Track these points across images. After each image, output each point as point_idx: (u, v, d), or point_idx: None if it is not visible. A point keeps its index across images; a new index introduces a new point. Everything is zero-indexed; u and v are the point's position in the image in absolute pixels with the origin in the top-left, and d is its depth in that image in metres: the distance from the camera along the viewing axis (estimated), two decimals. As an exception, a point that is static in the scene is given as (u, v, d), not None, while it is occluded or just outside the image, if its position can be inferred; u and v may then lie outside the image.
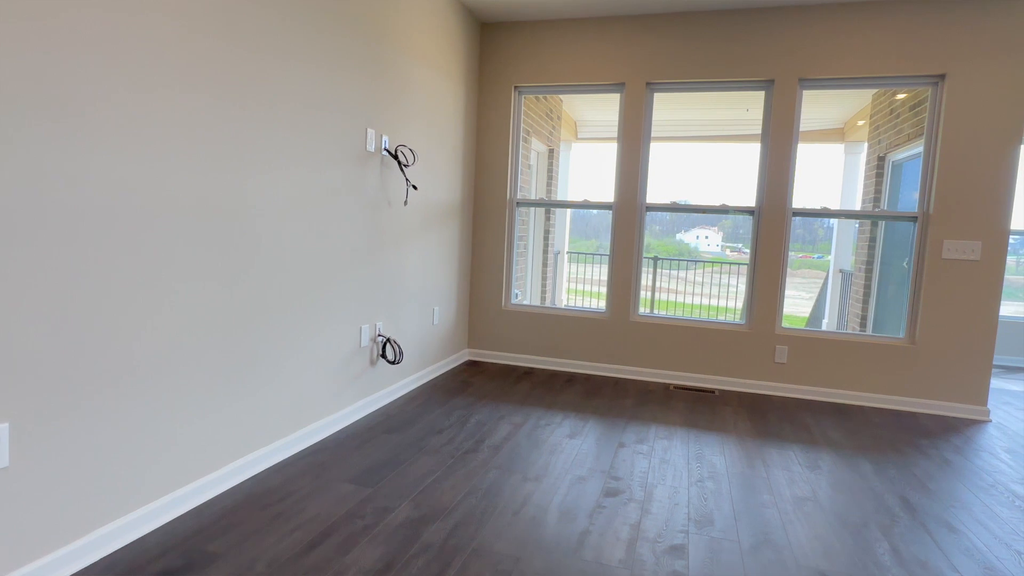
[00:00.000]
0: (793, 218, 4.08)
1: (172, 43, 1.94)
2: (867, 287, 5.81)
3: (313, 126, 2.65)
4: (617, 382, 4.24)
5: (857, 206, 6.57)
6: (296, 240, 2.59)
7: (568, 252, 8.49)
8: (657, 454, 2.89)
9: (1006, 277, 3.98)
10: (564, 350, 4.53)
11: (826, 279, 7.89)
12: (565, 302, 8.53)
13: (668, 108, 6.09)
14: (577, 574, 1.85)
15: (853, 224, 7.19)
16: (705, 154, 8.61)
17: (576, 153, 8.21)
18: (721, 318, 8.07)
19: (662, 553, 2.00)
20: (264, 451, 2.51)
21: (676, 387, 4.18)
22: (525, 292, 6.31)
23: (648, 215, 4.38)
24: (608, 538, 2.08)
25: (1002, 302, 4.44)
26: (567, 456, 2.81)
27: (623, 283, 4.38)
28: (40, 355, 1.62)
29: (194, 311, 2.10)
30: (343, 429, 3.02)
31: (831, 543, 2.11)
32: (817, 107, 6.46)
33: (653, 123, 4.31)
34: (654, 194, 4.36)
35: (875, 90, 5.78)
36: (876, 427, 3.48)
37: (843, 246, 7.45)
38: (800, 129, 4.02)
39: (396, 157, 3.29)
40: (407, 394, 3.68)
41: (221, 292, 2.21)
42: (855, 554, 2.04)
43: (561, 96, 6.62)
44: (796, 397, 4.04)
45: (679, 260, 8.90)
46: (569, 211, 8.30)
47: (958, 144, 3.71)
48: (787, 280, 7.25)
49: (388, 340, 3.39)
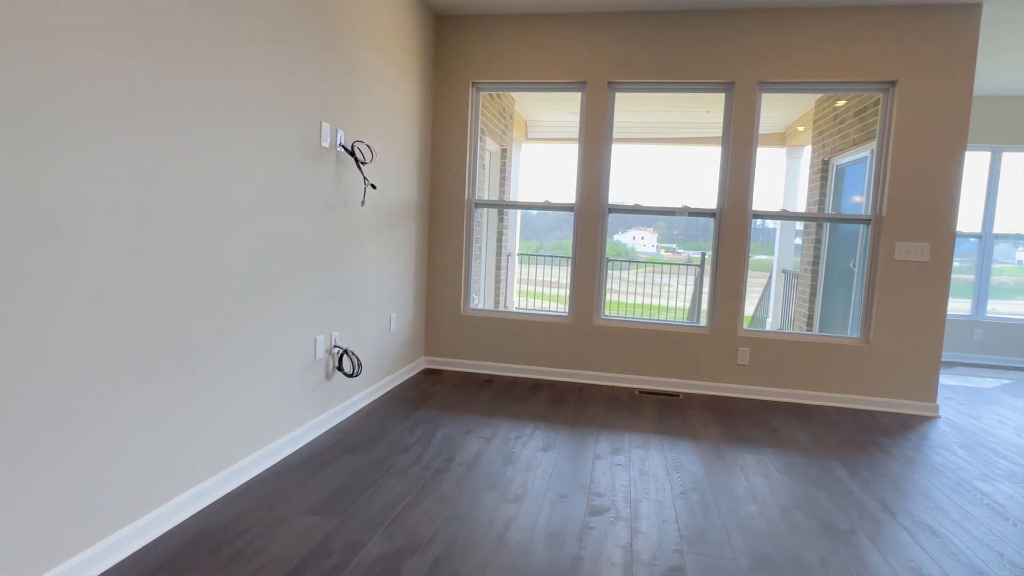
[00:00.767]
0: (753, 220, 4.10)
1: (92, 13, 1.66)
2: (813, 287, 5.97)
3: (262, 117, 2.39)
4: (582, 388, 4.14)
5: (801, 208, 6.76)
6: (245, 244, 2.33)
7: (519, 254, 8.39)
8: (635, 465, 2.79)
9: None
10: (526, 356, 4.39)
11: (769, 279, 8.12)
12: (516, 304, 8.41)
13: (629, 110, 6.06)
14: (575, 607, 1.71)
15: (793, 226, 7.43)
16: (666, 156, 8.70)
17: (526, 153, 8.10)
18: (664, 318, 8.20)
19: (659, 577, 1.89)
20: (213, 480, 2.23)
21: (642, 392, 4.12)
22: (479, 295, 6.14)
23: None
24: (602, 563, 1.94)
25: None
26: (544, 472, 2.66)
27: (586, 286, 4.28)
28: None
29: (120, 328, 1.82)
30: (299, 450, 2.76)
31: (827, 555, 2.06)
32: (762, 112, 6.61)
33: (619, 125, 4.23)
34: (616, 195, 4.29)
35: (819, 96, 5.96)
36: (839, 427, 3.53)
37: (785, 247, 7.68)
38: (759, 132, 4.05)
39: (353, 154, 3.05)
40: (365, 408, 3.43)
41: (156, 304, 1.93)
42: (851, 565, 2.00)
43: (513, 95, 6.49)
44: (759, 399, 4.06)
45: (625, 261, 8.96)
46: (519, 212, 8.18)
47: (908, 149, 3.82)
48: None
49: (345, 351, 3.15)
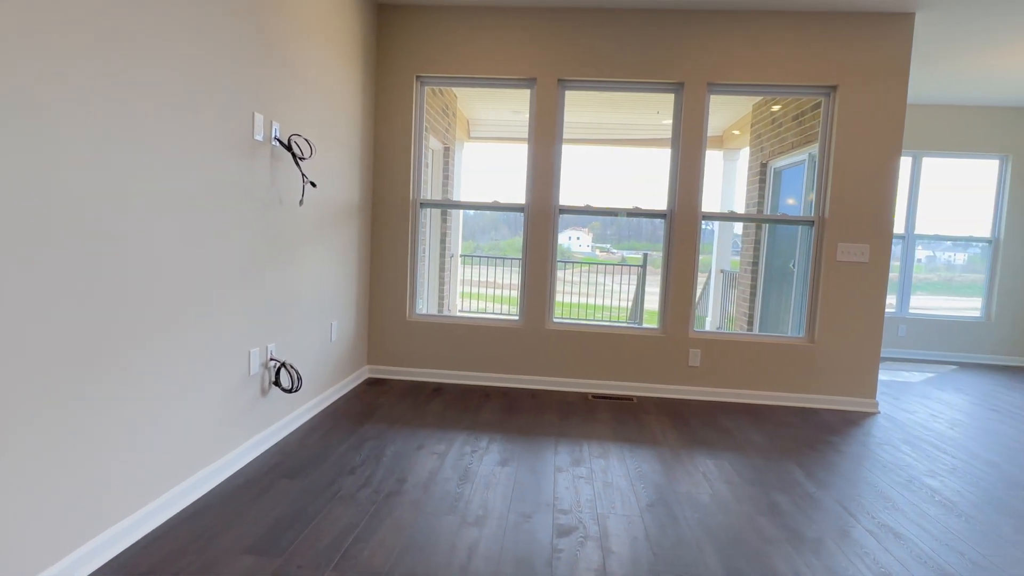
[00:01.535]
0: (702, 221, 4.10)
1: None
2: (753, 287, 6.11)
3: (186, 104, 2.11)
4: (535, 394, 4.01)
5: (740, 210, 6.91)
6: (166, 248, 2.05)
7: (462, 255, 8.20)
8: (598, 477, 2.68)
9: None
10: (476, 362, 4.22)
11: (708, 279, 8.29)
12: (460, 307, 8.23)
13: (577, 110, 6.00)
14: (553, 646, 1.56)
15: (731, 227, 7.61)
16: (613, 158, 8.71)
17: (468, 153, 7.92)
18: (601, 317, 8.25)
19: (637, 602, 1.77)
20: (132, 520, 1.94)
21: (595, 396, 4.03)
22: (424, 300, 5.91)
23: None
24: (576, 591, 1.81)
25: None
26: (504, 489, 2.50)
27: (537, 289, 4.16)
28: None
29: (10, 345, 1.53)
30: (233, 476, 2.48)
31: (799, 567, 2.01)
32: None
33: (568, 125, 4.13)
34: (564, 196, 4.19)
35: (756, 100, 6.10)
36: (789, 427, 3.56)
37: (723, 247, 7.85)
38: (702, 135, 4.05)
39: (290, 148, 2.79)
40: (306, 424, 3.17)
41: (58, 319, 1.64)
42: (823, 576, 1.95)
43: (456, 92, 6.30)
44: (711, 400, 4.06)
45: (561, 261, 8.95)
46: (462, 213, 8.00)
47: (848, 153, 3.92)
48: (650, 278, 7.42)
49: (283, 365, 2.88)
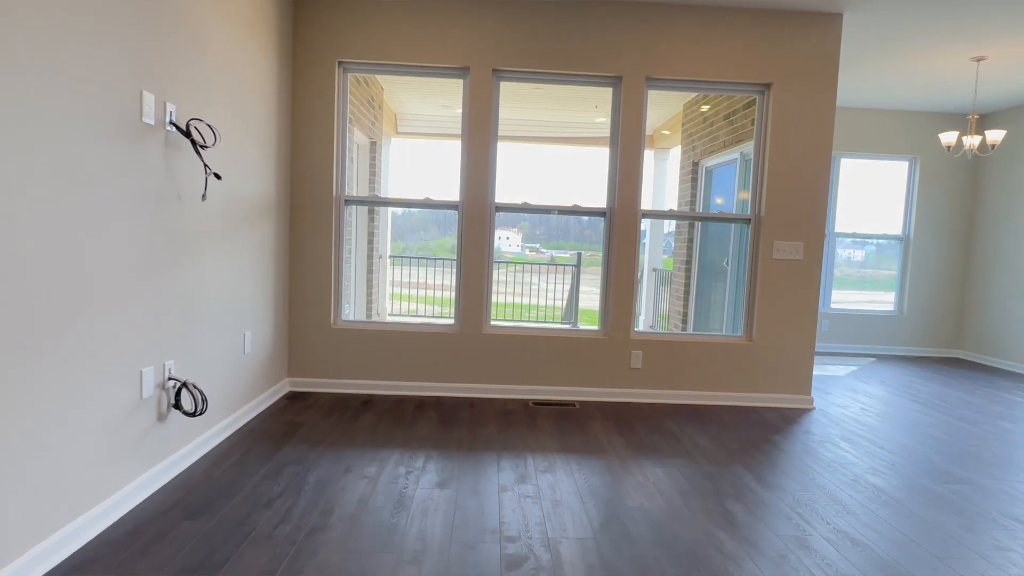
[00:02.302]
0: (642, 219, 4.01)
1: None
2: (687, 285, 6.13)
3: (45, 76, 1.73)
4: (473, 403, 3.78)
5: (673, 207, 6.94)
6: (32, 251, 1.66)
7: (391, 256, 7.83)
8: (546, 495, 2.48)
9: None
10: (409, 371, 3.93)
11: (641, 278, 8.33)
12: (390, 309, 7.86)
13: (514, 107, 5.79)
14: None
15: (662, 225, 7.67)
16: (552, 156, 8.57)
17: (396, 149, 7.56)
18: (533, 317, 8.14)
19: (600, 645, 1.57)
20: (-24, 593, 1.55)
21: (536, 403, 3.85)
22: (351, 304, 5.54)
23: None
24: (532, 638, 1.59)
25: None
26: (444, 516, 2.25)
27: (474, 292, 3.92)
28: None
29: None
30: (124, 519, 2.10)
31: (762, 584, 1.88)
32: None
33: (501, 121, 3.92)
34: (502, 194, 3.98)
35: (687, 100, 6.13)
36: (733, 428, 3.50)
37: (655, 246, 7.90)
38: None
39: (189, 135, 2.41)
40: (215, 451, 2.79)
41: None
42: (790, 594, 1.84)
43: (382, 84, 5.96)
44: (653, 402, 3.96)
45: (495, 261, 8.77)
46: (390, 212, 7.64)
47: (783, 151, 3.92)
48: (584, 277, 7.35)
49: (184, 384, 2.50)
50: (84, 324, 1.91)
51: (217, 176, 2.57)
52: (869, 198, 6.59)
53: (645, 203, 3.98)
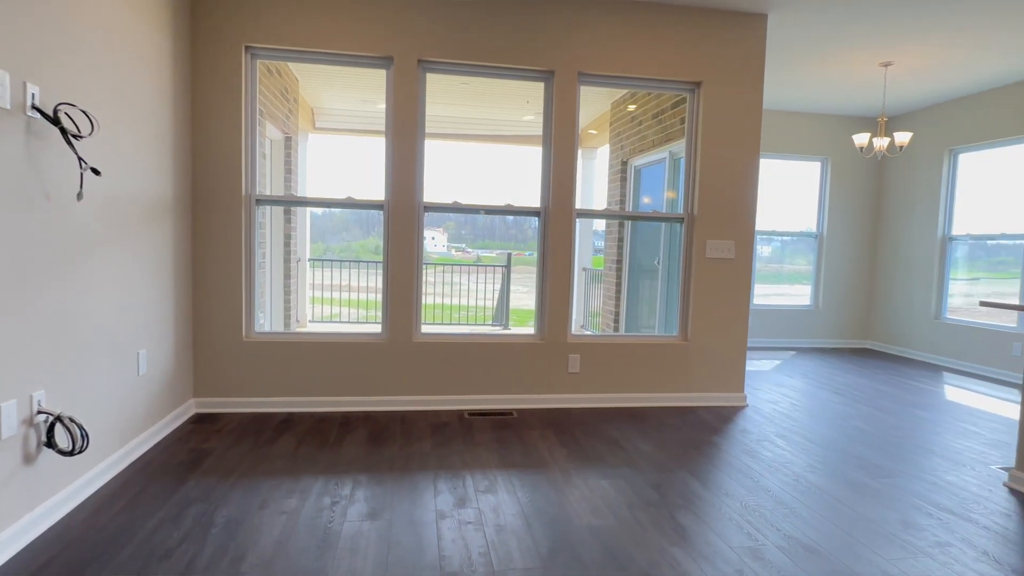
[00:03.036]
0: (577, 219, 3.89)
1: None
2: (618, 285, 6.12)
3: None
4: (404, 417, 3.52)
5: (603, 207, 6.92)
6: None
7: (311, 259, 7.38)
8: (488, 519, 2.28)
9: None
10: (333, 385, 3.62)
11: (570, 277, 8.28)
12: (311, 315, 7.40)
13: (442, 104, 5.53)
14: None
15: (591, 225, 7.66)
16: (481, 154, 8.33)
17: (314, 145, 7.12)
18: (463, 319, 7.95)
19: None
20: None
21: (472, 413, 3.64)
22: (265, 313, 5.11)
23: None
24: None
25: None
26: (377, 553, 2.01)
27: (402, 297, 3.67)
28: None
29: None
30: (-28, 593, 1.72)
31: (723, 606, 1.78)
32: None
33: (427, 118, 3.68)
34: (430, 194, 3.74)
35: (614, 99, 6.11)
36: (673, 430, 3.45)
37: (584, 245, 7.88)
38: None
39: (58, 122, 2.03)
40: (102, 491, 2.40)
41: None
42: (752, 615, 1.74)
43: (297, 76, 5.56)
44: (592, 407, 3.86)
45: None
46: (308, 212, 7.19)
47: (713, 150, 3.92)
48: (512, 276, 7.26)
49: (58, 418, 2.11)
50: (-87, 355, 1.53)
51: (96, 171, 2.20)
52: (785, 197, 6.84)
53: (576, 202, 3.87)
